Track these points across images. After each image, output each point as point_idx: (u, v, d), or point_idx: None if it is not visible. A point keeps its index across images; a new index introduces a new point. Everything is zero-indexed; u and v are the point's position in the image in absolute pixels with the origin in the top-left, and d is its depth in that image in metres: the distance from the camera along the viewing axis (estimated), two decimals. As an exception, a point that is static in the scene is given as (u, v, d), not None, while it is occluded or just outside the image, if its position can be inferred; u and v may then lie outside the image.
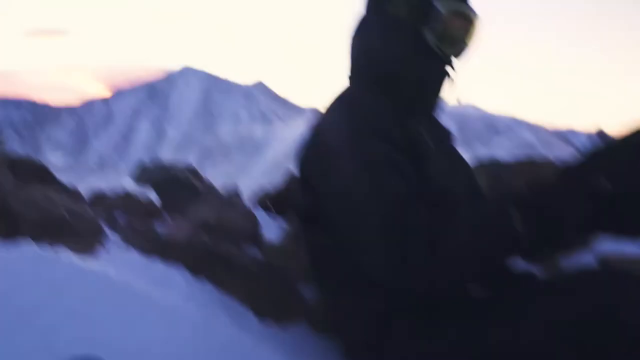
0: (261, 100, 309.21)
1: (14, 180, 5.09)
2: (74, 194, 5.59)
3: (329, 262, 1.62)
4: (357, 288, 1.55)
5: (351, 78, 1.71)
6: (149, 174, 6.37)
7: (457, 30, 1.62)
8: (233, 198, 4.76)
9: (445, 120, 1.83)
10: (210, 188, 5.63)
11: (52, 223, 3.30)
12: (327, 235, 1.56)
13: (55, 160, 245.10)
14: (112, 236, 3.42)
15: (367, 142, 1.45)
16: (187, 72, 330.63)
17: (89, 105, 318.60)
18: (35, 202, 3.34)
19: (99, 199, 5.48)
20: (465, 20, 1.63)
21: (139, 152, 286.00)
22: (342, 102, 1.61)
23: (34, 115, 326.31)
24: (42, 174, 6.17)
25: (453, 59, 1.65)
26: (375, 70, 1.64)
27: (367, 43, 1.65)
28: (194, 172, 5.92)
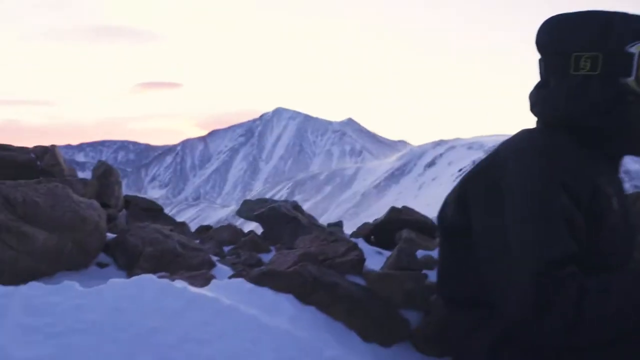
0: (352, 136, 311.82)
1: (129, 216, 5.40)
2: (182, 227, 5.85)
3: (464, 279, 1.64)
4: (484, 310, 1.56)
5: (543, 123, 1.67)
6: (251, 208, 6.57)
7: None
8: (335, 230, 4.82)
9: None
10: (312, 221, 5.70)
11: (165, 255, 3.49)
12: (470, 254, 1.57)
13: (155, 195, 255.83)
14: (221, 266, 3.55)
15: (550, 191, 1.43)
16: (280, 112, 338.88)
17: (188, 145, 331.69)
18: (150, 237, 3.55)
19: (205, 232, 5.69)
20: None
21: (234, 187, 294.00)
22: (530, 143, 1.56)
23: (137, 155, 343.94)
24: (152, 211, 6.52)
25: None
26: (574, 125, 1.58)
27: (559, 103, 1.60)
28: (296, 207, 6.03)
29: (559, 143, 1.54)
